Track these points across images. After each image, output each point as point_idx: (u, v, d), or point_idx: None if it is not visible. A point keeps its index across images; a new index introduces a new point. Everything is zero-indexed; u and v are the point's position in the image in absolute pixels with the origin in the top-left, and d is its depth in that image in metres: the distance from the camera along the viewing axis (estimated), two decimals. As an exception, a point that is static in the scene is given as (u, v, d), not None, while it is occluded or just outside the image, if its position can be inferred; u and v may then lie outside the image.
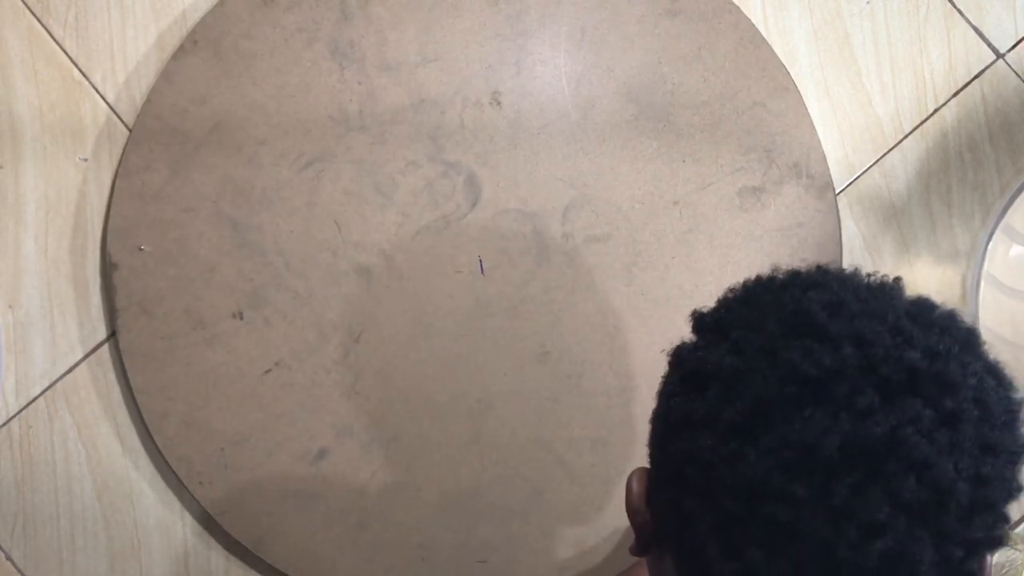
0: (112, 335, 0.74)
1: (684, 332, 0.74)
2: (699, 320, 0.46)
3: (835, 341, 0.37)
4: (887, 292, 0.41)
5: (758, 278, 0.44)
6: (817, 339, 0.37)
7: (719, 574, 0.37)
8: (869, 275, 0.42)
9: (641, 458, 0.73)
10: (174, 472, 0.72)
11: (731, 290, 0.45)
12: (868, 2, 0.79)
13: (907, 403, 0.36)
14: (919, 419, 0.35)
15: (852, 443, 0.35)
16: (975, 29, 0.79)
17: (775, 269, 0.44)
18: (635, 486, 0.46)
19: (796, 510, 0.35)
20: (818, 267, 0.43)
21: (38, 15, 0.75)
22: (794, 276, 0.43)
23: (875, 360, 0.37)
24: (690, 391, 0.41)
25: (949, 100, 0.79)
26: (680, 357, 0.45)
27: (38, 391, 0.74)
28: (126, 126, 0.75)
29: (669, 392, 0.43)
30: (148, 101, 0.73)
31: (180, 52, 0.73)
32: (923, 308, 0.40)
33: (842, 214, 0.78)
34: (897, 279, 0.42)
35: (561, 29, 0.75)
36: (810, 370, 0.37)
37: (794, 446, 0.35)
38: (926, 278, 0.79)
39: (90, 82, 0.75)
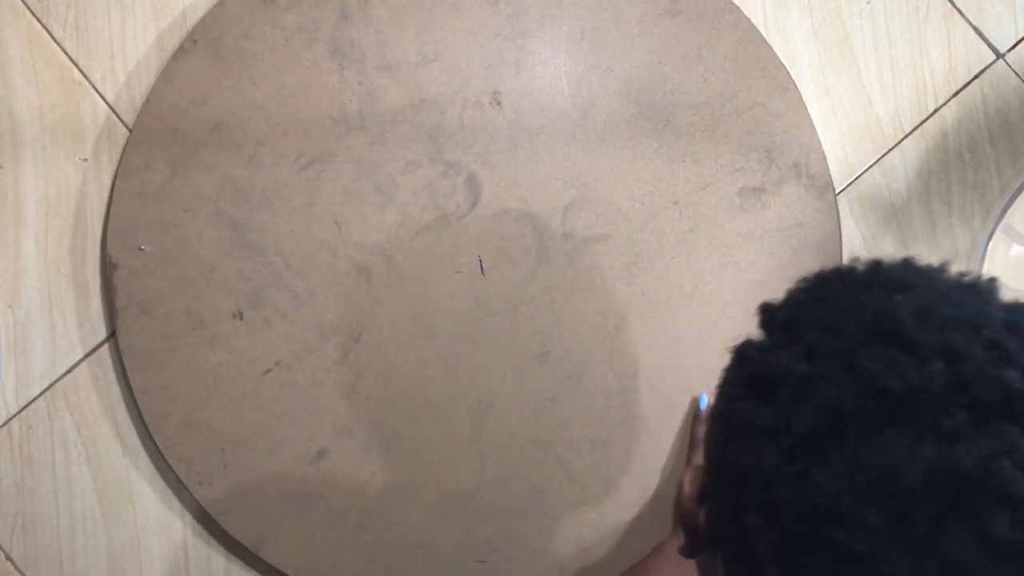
0: (112, 335, 0.74)
1: (684, 332, 0.74)
2: (768, 316, 0.41)
3: (922, 353, 0.33)
4: (981, 296, 0.37)
5: (836, 271, 0.40)
6: (902, 349, 0.34)
7: None
8: (961, 274, 0.38)
9: (642, 458, 0.73)
10: (174, 472, 0.72)
11: (803, 282, 0.40)
12: (868, 2, 0.79)
13: (1002, 430, 0.32)
14: (1015, 449, 0.31)
15: (937, 471, 0.31)
16: (975, 29, 0.79)
17: (854, 260, 0.39)
18: (687, 487, 0.43)
19: (869, 540, 0.32)
20: (904, 262, 0.38)
21: (38, 15, 0.75)
22: (876, 272, 0.38)
23: (967, 378, 0.33)
24: (755, 396, 0.37)
25: (949, 100, 0.79)
26: (745, 356, 0.40)
27: (38, 391, 0.74)
28: (126, 126, 0.75)
29: (731, 394, 0.39)
30: (148, 101, 0.73)
31: (180, 52, 0.73)
32: (1022, 317, 0.35)
33: (842, 214, 0.78)
34: (992, 280, 0.38)
35: (561, 29, 0.75)
36: (892, 384, 0.33)
37: (870, 469, 0.32)
38: (926, 278, 0.79)
39: (90, 82, 0.75)
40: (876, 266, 0.39)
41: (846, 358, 0.35)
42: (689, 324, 0.74)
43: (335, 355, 0.73)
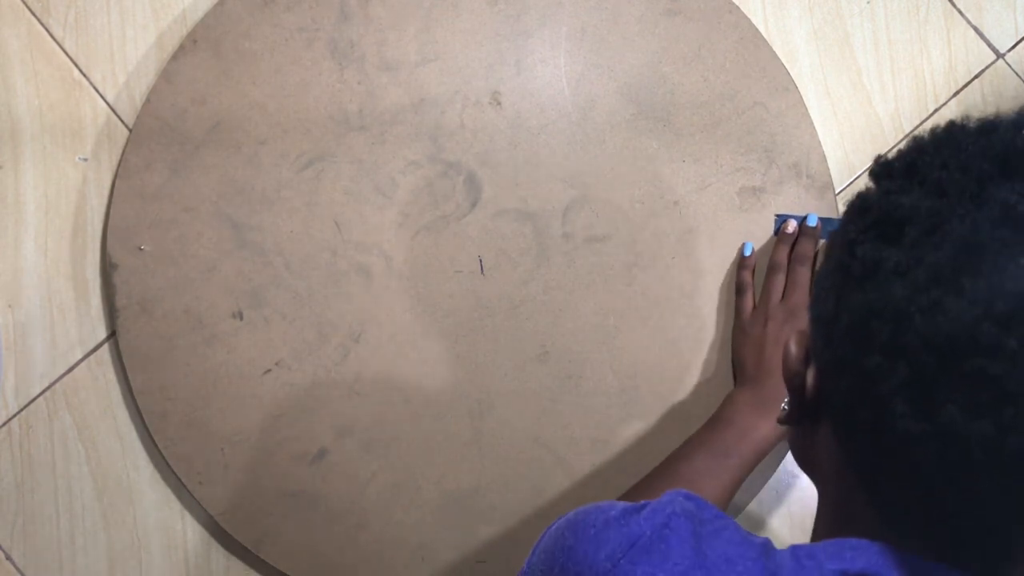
0: (112, 335, 0.74)
1: (684, 332, 0.74)
2: (885, 166, 0.40)
3: None
4: None
5: (951, 124, 0.40)
6: None
7: (904, 435, 0.34)
8: None
9: (642, 458, 0.73)
10: (174, 472, 0.72)
11: (918, 139, 0.40)
12: (868, 2, 0.79)
13: None
14: None
15: None
16: (975, 29, 0.79)
17: (965, 118, 0.39)
18: (794, 349, 0.42)
19: (1007, 365, 0.32)
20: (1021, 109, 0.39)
21: (38, 15, 0.75)
22: (995, 120, 0.38)
23: None
24: (880, 238, 0.37)
25: (949, 100, 0.79)
26: (866, 202, 0.39)
27: (38, 391, 0.74)
28: (126, 126, 0.75)
29: (851, 240, 0.38)
30: (148, 101, 0.73)
31: (180, 52, 0.73)
32: None
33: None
34: None
35: (561, 29, 0.75)
36: None
37: (1007, 296, 0.32)
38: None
39: (90, 82, 0.75)
40: (994, 116, 0.39)
41: (977, 191, 0.35)
42: (689, 324, 0.74)
43: (335, 355, 0.73)
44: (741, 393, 0.70)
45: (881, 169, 0.40)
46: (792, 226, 0.73)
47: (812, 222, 0.73)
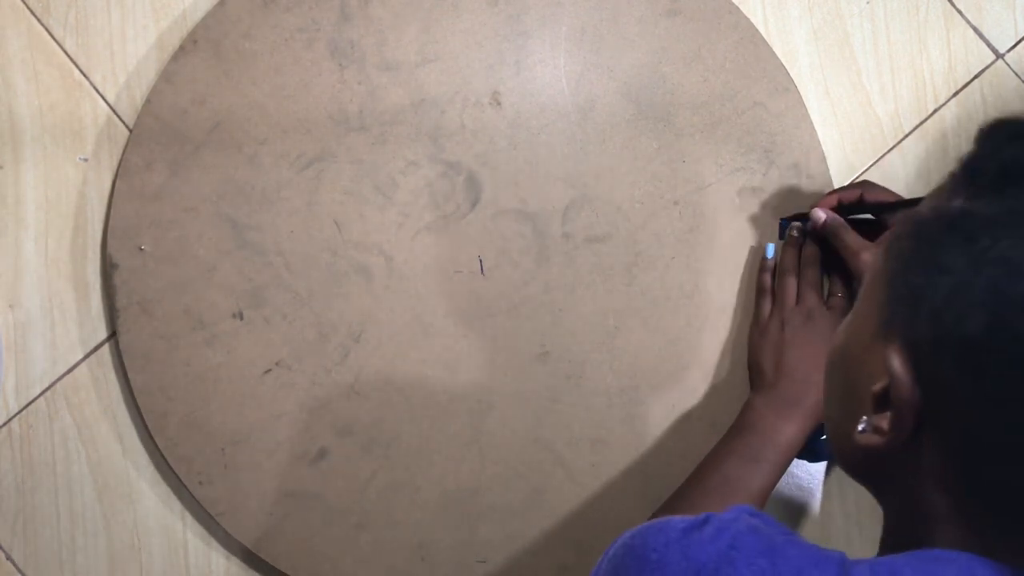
0: (112, 335, 0.74)
1: (684, 332, 0.74)
2: (972, 175, 0.38)
3: None
4: None
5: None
6: None
7: None
8: None
9: (642, 458, 0.73)
10: (174, 472, 0.72)
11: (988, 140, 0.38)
12: (868, 2, 0.79)
13: None
14: None
15: None
16: (975, 29, 0.79)
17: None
18: (902, 372, 0.38)
19: None
20: None
21: (38, 15, 0.75)
22: None
23: None
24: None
25: (949, 100, 0.79)
26: (1015, 215, 0.36)
27: (38, 391, 0.74)
28: (126, 126, 0.75)
29: (1008, 259, 0.35)
30: (148, 101, 0.73)
31: (180, 52, 0.73)
32: None
33: (842, 214, 0.78)
34: None
35: (561, 29, 0.75)
36: None
37: None
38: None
39: (90, 82, 0.75)
40: None
41: None
42: (689, 324, 0.74)
43: (335, 355, 0.73)
44: (761, 397, 0.69)
45: (1005, 169, 0.37)
46: (797, 231, 0.73)
47: (819, 220, 0.71)
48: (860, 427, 0.41)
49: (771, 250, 0.74)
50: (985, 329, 0.35)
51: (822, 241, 0.72)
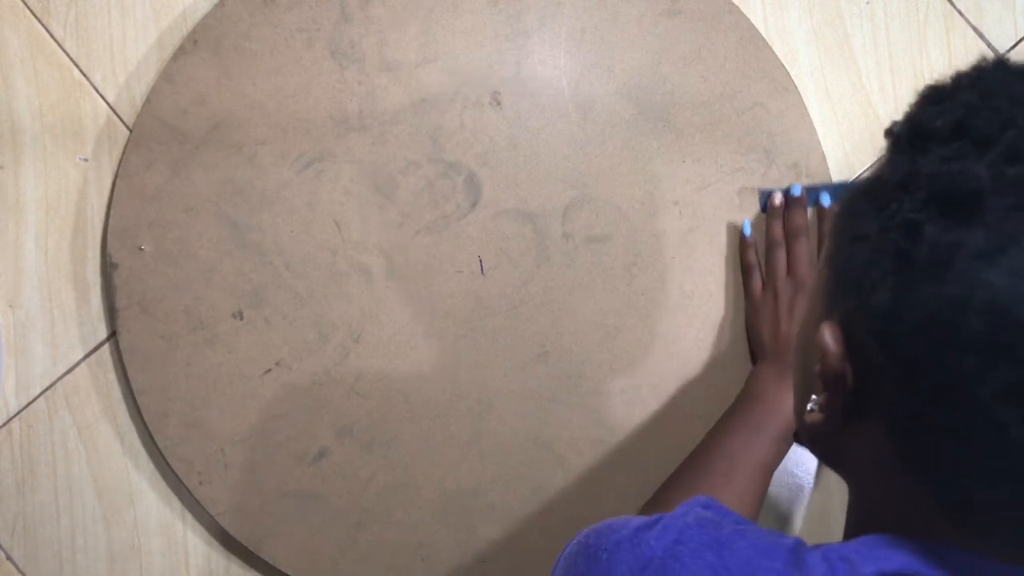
0: (112, 335, 0.74)
1: (684, 332, 0.74)
2: (920, 128, 0.36)
3: None
4: None
5: (984, 70, 0.35)
6: None
7: (1016, 442, 0.30)
8: None
9: (642, 457, 0.73)
10: (174, 472, 0.72)
11: (949, 91, 0.36)
12: (868, 2, 0.79)
13: None
14: None
15: None
16: (975, 29, 0.79)
17: (995, 61, 0.35)
18: (831, 344, 0.37)
19: None
20: None
21: (38, 15, 0.75)
22: None
23: None
24: (947, 216, 0.32)
25: (949, 100, 0.79)
26: (914, 173, 0.34)
27: (38, 391, 0.74)
28: (126, 126, 0.75)
29: (910, 221, 0.33)
30: (148, 101, 0.73)
31: (180, 52, 0.73)
32: None
33: (842, 214, 0.78)
34: None
35: (561, 29, 0.75)
36: None
37: None
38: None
39: (90, 82, 0.75)
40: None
41: None
42: (689, 324, 0.74)
43: (335, 355, 0.73)
44: (765, 367, 0.70)
45: (914, 131, 0.36)
46: (779, 199, 0.73)
47: (796, 192, 0.72)
48: (808, 406, 0.40)
49: (748, 227, 0.74)
50: (891, 296, 0.34)
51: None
